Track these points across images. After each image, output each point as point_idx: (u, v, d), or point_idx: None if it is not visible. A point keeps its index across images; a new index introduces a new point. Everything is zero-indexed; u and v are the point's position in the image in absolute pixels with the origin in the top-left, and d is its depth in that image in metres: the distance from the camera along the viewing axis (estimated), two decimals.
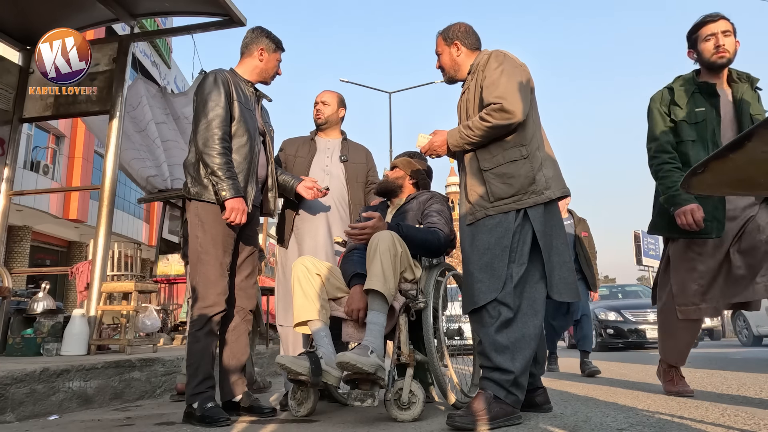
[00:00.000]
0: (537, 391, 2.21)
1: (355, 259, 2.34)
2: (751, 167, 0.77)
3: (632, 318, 8.78)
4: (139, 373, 3.05)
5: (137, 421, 2.29)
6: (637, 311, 8.88)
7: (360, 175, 2.90)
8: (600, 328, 8.79)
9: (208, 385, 2.18)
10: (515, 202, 2.06)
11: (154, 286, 4.67)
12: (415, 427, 1.97)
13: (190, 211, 2.30)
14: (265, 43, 2.45)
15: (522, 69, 2.15)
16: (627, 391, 2.93)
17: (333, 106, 2.92)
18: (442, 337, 2.37)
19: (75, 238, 16.04)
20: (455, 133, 2.17)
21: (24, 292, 5.35)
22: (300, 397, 2.28)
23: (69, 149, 14.51)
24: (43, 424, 2.23)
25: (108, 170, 4.13)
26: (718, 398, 2.53)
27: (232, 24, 4.23)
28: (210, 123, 2.22)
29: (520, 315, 2.02)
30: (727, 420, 1.93)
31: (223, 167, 2.19)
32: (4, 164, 4.36)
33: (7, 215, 4.35)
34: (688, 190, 0.89)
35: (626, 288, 11.47)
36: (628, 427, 1.83)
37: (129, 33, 4.66)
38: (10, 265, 12.19)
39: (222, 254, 2.25)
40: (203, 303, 2.20)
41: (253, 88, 2.48)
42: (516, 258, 2.04)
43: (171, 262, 6.35)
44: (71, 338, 3.48)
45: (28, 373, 2.37)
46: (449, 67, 2.34)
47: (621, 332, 8.69)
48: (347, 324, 2.27)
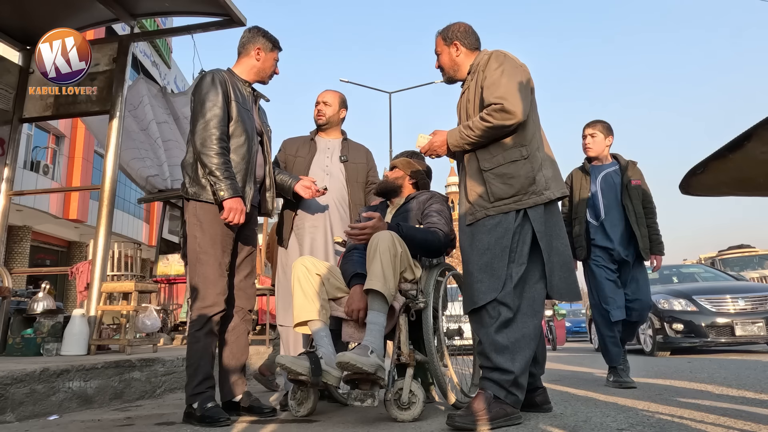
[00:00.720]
0: (537, 391, 2.21)
1: (355, 259, 2.34)
2: (750, 167, 0.77)
3: (711, 307, 6.07)
4: (139, 373, 3.05)
5: (137, 421, 2.29)
6: (716, 298, 6.16)
7: (360, 175, 2.90)
8: (661, 322, 6.21)
9: (208, 385, 2.18)
10: (515, 202, 2.07)
11: (154, 286, 4.67)
12: (415, 427, 1.97)
13: (188, 211, 2.30)
14: (262, 43, 2.45)
15: (522, 69, 2.15)
16: (627, 391, 2.93)
17: (334, 107, 2.92)
18: (442, 337, 2.37)
19: (75, 238, 16.05)
20: (455, 133, 2.17)
21: (24, 292, 5.35)
22: (300, 397, 2.28)
23: (69, 149, 14.52)
24: (43, 424, 2.23)
25: (108, 170, 4.12)
26: (717, 398, 2.53)
27: (232, 24, 4.23)
28: (208, 123, 2.22)
29: (519, 315, 2.02)
30: (727, 420, 1.93)
31: (221, 167, 2.19)
32: (4, 164, 4.36)
33: (7, 215, 4.35)
34: (688, 191, 0.89)
35: (681, 269, 8.37)
36: (628, 427, 1.83)
37: (129, 33, 4.66)
38: (10, 265, 12.19)
39: (221, 254, 2.25)
40: (202, 303, 2.20)
41: (250, 88, 2.48)
42: (516, 258, 2.04)
43: (171, 262, 6.35)
44: (71, 338, 3.48)
45: (28, 373, 2.37)
46: (448, 67, 2.34)
47: (696, 328, 5.98)
48: (347, 324, 2.27)
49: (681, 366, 4.59)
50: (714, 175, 0.82)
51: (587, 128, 3.49)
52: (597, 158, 3.47)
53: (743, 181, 0.84)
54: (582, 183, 3.47)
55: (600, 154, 3.45)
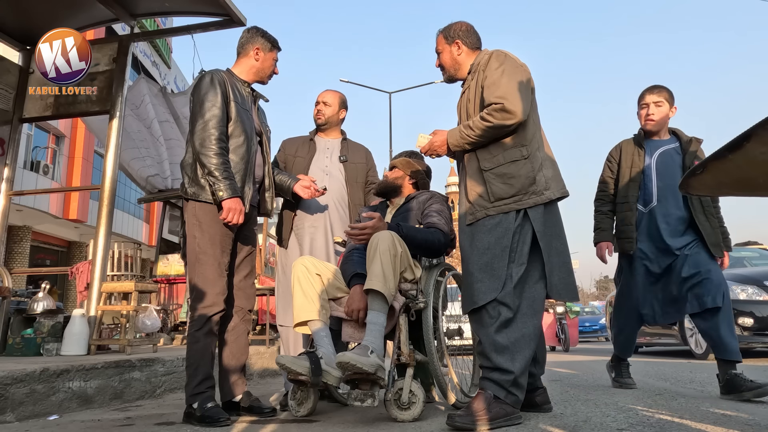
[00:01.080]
0: (537, 391, 2.21)
1: (355, 259, 2.34)
2: (750, 168, 0.77)
3: None
4: (139, 373, 3.05)
5: (137, 421, 2.29)
6: None
7: (359, 175, 2.90)
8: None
9: (207, 385, 2.18)
10: (515, 202, 2.06)
11: (154, 286, 4.67)
12: (415, 427, 1.97)
13: (187, 211, 2.30)
14: (261, 43, 2.45)
15: (523, 69, 2.15)
16: (627, 391, 2.93)
17: (334, 107, 2.91)
18: (442, 337, 2.37)
19: (75, 238, 16.05)
20: (455, 133, 2.17)
21: (24, 292, 5.34)
22: (300, 397, 2.28)
23: (69, 149, 14.52)
24: (43, 424, 2.23)
25: (108, 170, 4.12)
26: (718, 398, 2.53)
27: (232, 24, 4.23)
28: (207, 123, 2.22)
29: (519, 315, 2.02)
30: (727, 420, 1.93)
31: (220, 167, 2.19)
32: (4, 164, 4.36)
33: (7, 215, 4.35)
34: (688, 191, 0.89)
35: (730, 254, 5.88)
36: (628, 427, 1.83)
37: (129, 33, 4.66)
38: (10, 265, 12.19)
39: (220, 254, 2.25)
40: (202, 303, 2.20)
41: (249, 88, 2.48)
42: (516, 258, 2.04)
43: (171, 262, 6.35)
44: (71, 338, 3.48)
45: (28, 373, 2.37)
46: (449, 65, 2.34)
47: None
48: (347, 324, 2.27)
49: (681, 367, 4.59)
50: (714, 175, 0.82)
51: (650, 94, 2.90)
52: (656, 132, 2.92)
53: (743, 181, 0.84)
54: (634, 159, 2.92)
55: (661, 128, 2.91)
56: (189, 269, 2.32)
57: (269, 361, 4.45)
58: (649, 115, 2.89)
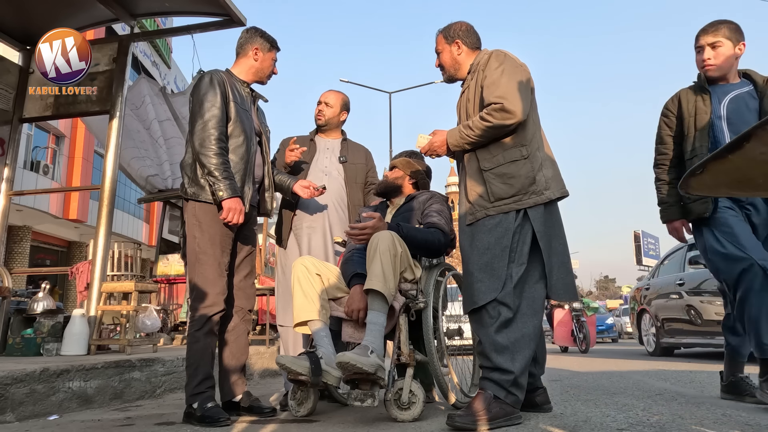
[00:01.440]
0: (537, 391, 2.21)
1: (355, 259, 2.34)
2: (749, 168, 0.77)
3: None
4: (139, 373, 3.05)
5: (137, 421, 2.29)
6: None
7: (359, 175, 2.89)
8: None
9: (207, 385, 2.18)
10: (515, 202, 2.07)
11: (154, 286, 4.67)
12: (415, 427, 1.97)
13: (187, 211, 2.30)
14: (260, 43, 2.45)
15: (522, 69, 2.15)
16: (627, 391, 2.93)
17: (335, 109, 2.91)
18: (442, 337, 2.37)
19: (75, 238, 16.05)
20: (455, 133, 2.17)
21: (24, 292, 5.35)
22: (300, 397, 2.28)
23: (69, 149, 14.52)
24: (43, 424, 2.23)
25: (108, 170, 4.13)
26: (718, 398, 2.53)
27: (232, 24, 4.23)
28: (206, 123, 2.22)
29: (519, 315, 2.02)
30: (727, 420, 1.93)
31: (219, 167, 2.19)
32: (4, 164, 4.36)
33: (7, 215, 4.35)
34: (687, 191, 0.89)
35: None
36: (628, 427, 1.83)
37: (129, 33, 4.66)
38: (10, 265, 12.20)
39: (220, 254, 2.25)
40: (202, 303, 2.21)
41: (248, 88, 2.48)
42: (516, 258, 2.04)
43: (171, 262, 6.35)
44: (71, 338, 3.48)
45: (28, 373, 2.37)
46: (449, 65, 2.34)
47: None
48: (347, 324, 2.27)
49: (680, 367, 4.59)
50: (713, 175, 0.82)
51: (704, 35, 2.40)
52: (721, 77, 2.42)
53: (742, 182, 0.84)
54: (699, 106, 2.41)
55: (727, 72, 2.40)
56: (189, 269, 2.33)
57: (269, 361, 4.45)
58: (705, 61, 2.39)
